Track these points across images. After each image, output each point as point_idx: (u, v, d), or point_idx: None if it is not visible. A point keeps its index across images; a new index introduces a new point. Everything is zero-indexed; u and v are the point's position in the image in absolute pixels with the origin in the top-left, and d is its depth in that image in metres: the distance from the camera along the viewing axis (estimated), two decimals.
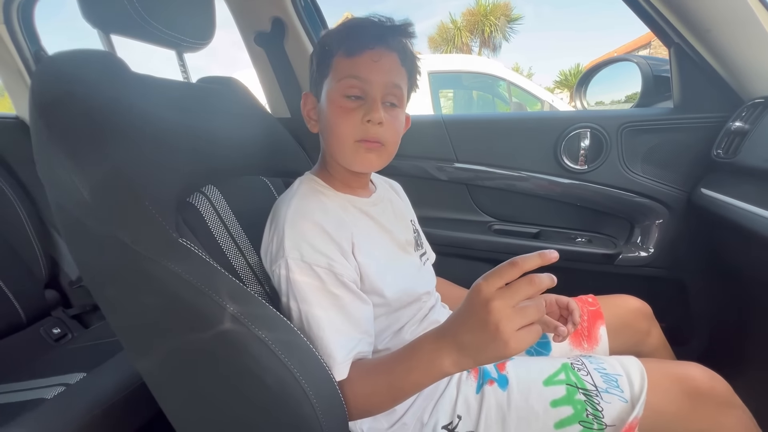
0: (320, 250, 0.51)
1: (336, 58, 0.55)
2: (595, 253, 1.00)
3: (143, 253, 0.43)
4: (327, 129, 0.57)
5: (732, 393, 0.55)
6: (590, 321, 0.73)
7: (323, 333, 0.49)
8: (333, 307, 0.50)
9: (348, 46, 0.54)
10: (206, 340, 0.43)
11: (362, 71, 0.54)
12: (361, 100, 0.55)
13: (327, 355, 0.48)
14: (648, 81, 1.03)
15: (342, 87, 0.54)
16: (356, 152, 0.56)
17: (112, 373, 0.80)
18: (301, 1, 1.04)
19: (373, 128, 0.54)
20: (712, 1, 0.73)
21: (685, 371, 0.56)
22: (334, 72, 0.55)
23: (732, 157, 0.78)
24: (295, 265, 0.50)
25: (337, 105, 0.55)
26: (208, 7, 0.71)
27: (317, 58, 0.58)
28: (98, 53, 0.54)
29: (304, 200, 0.56)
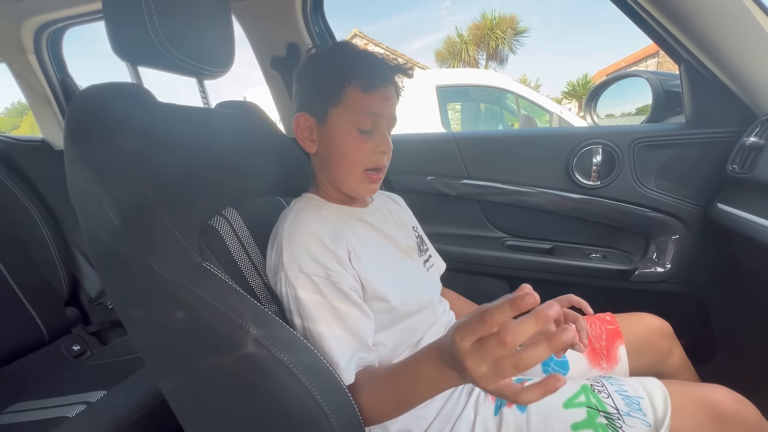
0: (317, 260, 0.53)
1: (350, 90, 0.56)
2: (611, 269, 0.99)
3: (169, 278, 0.45)
4: (336, 156, 0.60)
5: (761, 417, 0.53)
6: (609, 340, 0.72)
7: (323, 342, 0.50)
8: (331, 317, 0.51)
9: (366, 81, 0.56)
10: (229, 363, 0.44)
11: (376, 107, 0.58)
12: (370, 133, 0.58)
13: (330, 363, 0.49)
14: (658, 96, 1.03)
15: (357, 120, 0.57)
16: (362, 181, 0.60)
17: (131, 391, 0.82)
18: (315, 27, 1.08)
19: (382, 158, 0.60)
20: (721, 19, 0.74)
21: (710, 394, 0.54)
22: (347, 103, 0.57)
23: (748, 172, 0.77)
24: (293, 276, 0.52)
25: (352, 136, 0.58)
26: (228, 36, 0.75)
27: (324, 82, 0.58)
28: (128, 86, 0.57)
29: (300, 214, 0.58)
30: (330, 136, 0.59)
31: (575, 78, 18.32)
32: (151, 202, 0.46)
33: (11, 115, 27.88)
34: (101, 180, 0.46)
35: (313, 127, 0.60)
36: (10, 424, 0.80)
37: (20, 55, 1.27)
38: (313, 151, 0.62)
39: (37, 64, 1.29)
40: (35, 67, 1.29)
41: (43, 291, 1.14)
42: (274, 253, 0.55)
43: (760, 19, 0.73)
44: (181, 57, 0.64)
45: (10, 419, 0.82)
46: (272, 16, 1.03)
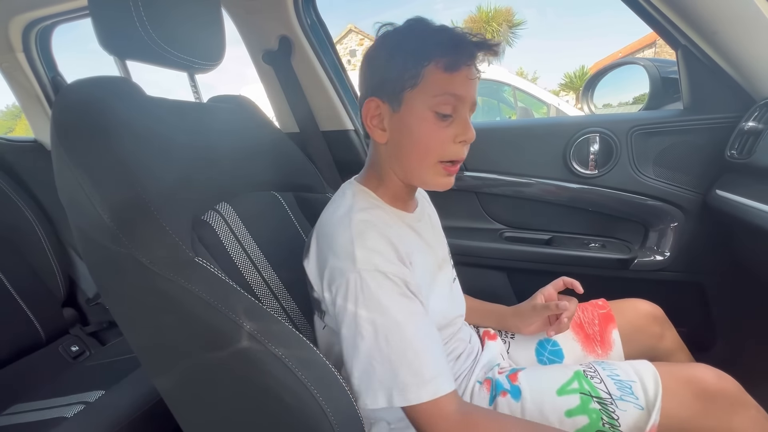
0: (392, 261, 0.49)
1: (429, 69, 0.49)
2: (610, 258, 0.99)
3: (161, 273, 0.44)
4: (410, 145, 0.53)
5: (743, 392, 0.54)
6: (602, 325, 0.72)
7: (410, 345, 0.44)
8: (413, 321, 0.46)
9: (449, 59, 0.49)
10: (223, 359, 0.44)
11: (459, 89, 0.50)
12: (450, 119, 0.51)
13: (412, 373, 0.43)
14: (656, 83, 1.02)
15: (436, 103, 0.50)
16: (436, 174, 0.54)
17: (130, 391, 0.81)
18: (308, 19, 1.06)
19: (462, 148, 0.53)
20: (718, 3, 0.73)
21: (693, 373, 0.55)
22: (426, 85, 0.50)
23: (746, 157, 0.77)
24: (369, 276, 0.46)
25: (430, 122, 0.51)
26: (218, 30, 0.73)
27: (399, 62, 0.50)
28: (115, 80, 0.56)
29: (366, 212, 0.52)
30: (404, 123, 0.52)
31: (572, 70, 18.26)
32: (140, 197, 0.45)
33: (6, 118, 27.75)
34: (89, 176, 0.45)
35: (384, 114, 0.53)
36: (8, 425, 0.80)
37: (9, 54, 1.25)
38: (383, 140, 0.54)
39: (26, 62, 1.27)
40: (25, 66, 1.28)
41: (39, 292, 1.14)
42: (334, 253, 0.49)
43: (758, 2, 0.72)
44: (170, 50, 0.63)
45: (8, 421, 0.81)
46: (263, 9, 1.02)
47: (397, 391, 0.43)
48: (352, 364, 0.46)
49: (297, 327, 0.65)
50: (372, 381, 0.44)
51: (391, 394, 0.44)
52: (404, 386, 0.43)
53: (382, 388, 0.44)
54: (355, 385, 0.46)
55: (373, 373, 0.44)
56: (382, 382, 0.44)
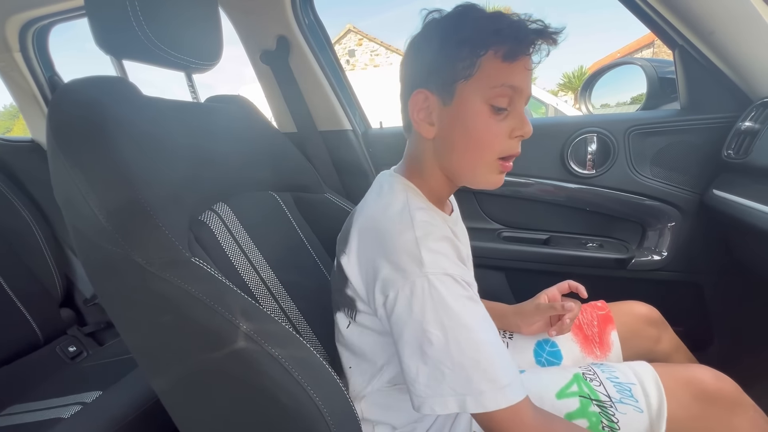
0: (457, 263, 0.46)
1: (486, 59, 0.45)
2: (607, 258, 0.99)
3: (157, 274, 0.44)
4: (463, 140, 0.49)
5: (741, 393, 0.54)
6: (601, 326, 0.72)
7: (482, 350, 0.42)
8: (483, 326, 0.44)
9: (508, 48, 0.45)
10: (220, 359, 0.44)
11: (517, 80, 0.47)
12: (505, 112, 0.48)
13: (487, 380, 0.42)
14: (653, 83, 1.02)
15: (492, 95, 0.46)
16: (491, 171, 0.50)
17: (127, 391, 0.81)
18: (305, 19, 1.06)
19: (518, 144, 0.50)
20: (715, 2, 0.73)
21: (692, 374, 0.55)
22: (482, 75, 0.46)
23: (743, 157, 0.77)
24: (437, 280, 0.43)
25: (485, 115, 0.47)
26: (215, 29, 0.73)
27: (452, 51, 0.46)
28: (111, 79, 0.56)
29: (425, 213, 0.49)
30: (457, 117, 0.48)
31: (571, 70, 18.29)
32: (136, 197, 0.45)
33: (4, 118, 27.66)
34: (85, 176, 0.45)
35: (433, 107, 0.49)
36: (5, 426, 0.79)
37: (5, 54, 1.25)
38: (430, 135, 0.50)
39: (23, 62, 1.27)
40: (21, 65, 1.27)
41: (36, 293, 1.13)
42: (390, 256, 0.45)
43: (755, 2, 0.73)
44: (167, 50, 0.62)
45: (5, 422, 0.81)
46: (261, 8, 1.01)
47: (472, 397, 0.42)
48: (417, 370, 0.43)
49: (295, 327, 0.65)
50: (441, 387, 0.42)
51: (464, 401, 0.42)
52: (480, 393, 0.41)
53: (453, 394, 0.42)
54: (420, 390, 0.43)
55: (443, 379, 0.42)
56: (453, 389, 0.42)
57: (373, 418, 0.55)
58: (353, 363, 0.56)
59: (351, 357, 0.56)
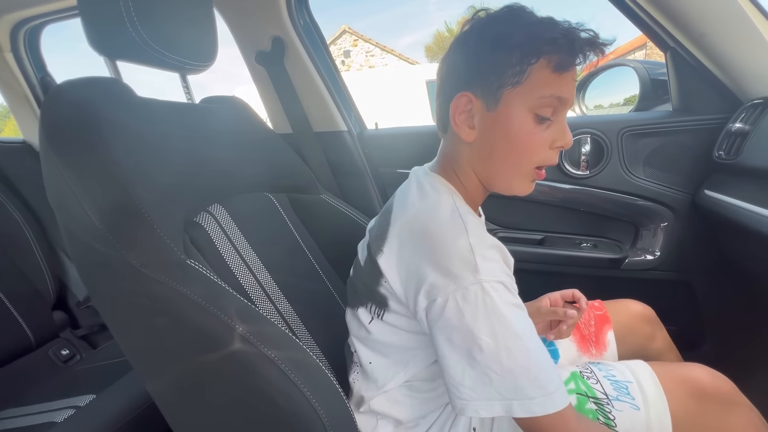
0: (506, 271, 0.47)
1: (536, 67, 0.44)
2: (601, 258, 1.00)
3: (152, 276, 0.44)
4: (504, 147, 0.49)
5: (737, 392, 0.55)
6: (597, 326, 0.73)
7: (532, 357, 0.43)
8: (531, 333, 0.44)
9: (561, 58, 0.44)
10: (216, 361, 0.44)
11: (564, 91, 0.46)
12: (548, 122, 0.47)
13: (537, 386, 0.42)
14: (645, 85, 1.04)
15: (539, 105, 0.46)
16: (526, 179, 0.51)
17: (121, 394, 0.80)
18: (300, 20, 1.06)
19: (557, 154, 0.50)
20: (705, 5, 0.74)
21: (689, 372, 0.56)
22: (531, 84, 0.45)
23: (734, 158, 0.78)
24: (491, 287, 0.43)
25: (529, 124, 0.47)
26: (210, 30, 0.73)
27: (501, 56, 0.45)
28: (105, 80, 0.55)
29: (474, 218, 0.49)
30: (499, 123, 0.47)
31: None
32: (131, 199, 0.45)
33: None
34: (78, 177, 0.45)
35: (475, 111, 0.48)
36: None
37: None
38: (470, 139, 0.49)
39: (14, 62, 1.26)
40: (13, 66, 1.26)
41: (28, 295, 1.12)
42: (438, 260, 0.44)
43: (743, 4, 0.74)
44: (162, 51, 0.62)
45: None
46: (256, 9, 1.01)
47: (520, 403, 0.42)
48: (463, 374, 0.44)
49: (291, 329, 0.65)
50: (488, 391, 0.43)
51: (511, 405, 0.43)
52: (529, 399, 0.42)
53: (500, 398, 0.43)
54: (464, 393, 0.44)
55: (490, 384, 0.43)
56: (500, 393, 0.43)
57: (380, 411, 0.55)
58: (374, 359, 0.55)
59: (371, 353, 0.56)
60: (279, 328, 0.47)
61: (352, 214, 0.91)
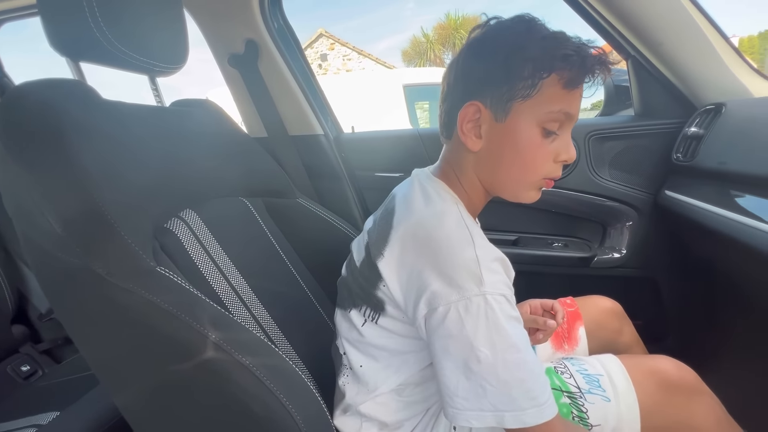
0: (507, 283, 0.47)
1: (548, 82, 0.45)
2: (572, 257, 1.04)
3: (119, 285, 0.42)
4: (511, 158, 0.49)
5: (700, 381, 0.58)
6: (570, 322, 0.76)
7: (526, 369, 0.43)
8: (527, 346, 0.45)
9: (573, 75, 0.45)
10: (188, 370, 0.42)
11: (573, 107, 0.47)
12: (554, 135, 0.48)
13: (529, 398, 0.43)
14: (610, 91, 1.09)
15: (547, 119, 0.47)
16: (533, 188, 0.51)
17: (87, 410, 0.77)
18: (275, 23, 1.05)
19: (560, 168, 0.51)
20: (661, 17, 0.79)
21: (656, 364, 0.58)
22: (541, 98, 0.46)
23: (690, 160, 0.83)
24: (494, 300, 0.43)
25: (536, 137, 0.47)
26: (180, 32, 0.71)
27: (514, 68, 0.46)
28: (67, 82, 0.53)
29: (478, 229, 0.49)
30: (508, 136, 0.48)
31: None
32: (95, 204, 0.43)
33: None
34: (38, 182, 0.43)
35: (483, 121, 0.49)
36: None
37: None
38: (476, 148, 0.50)
39: None
40: None
41: None
42: (443, 269, 0.44)
43: (696, 17, 0.79)
44: (128, 52, 0.60)
45: None
46: (228, 12, 1.00)
47: (512, 414, 0.43)
48: (457, 384, 0.45)
49: (267, 335, 0.64)
50: (481, 402, 0.44)
51: (503, 417, 0.43)
52: (522, 410, 0.43)
53: (493, 409, 0.43)
54: (458, 403, 0.45)
55: (484, 395, 0.43)
56: (494, 404, 0.43)
57: (366, 414, 0.55)
58: (365, 362, 0.55)
59: (363, 357, 0.55)
60: (254, 334, 0.46)
61: (329, 217, 0.91)
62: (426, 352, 0.49)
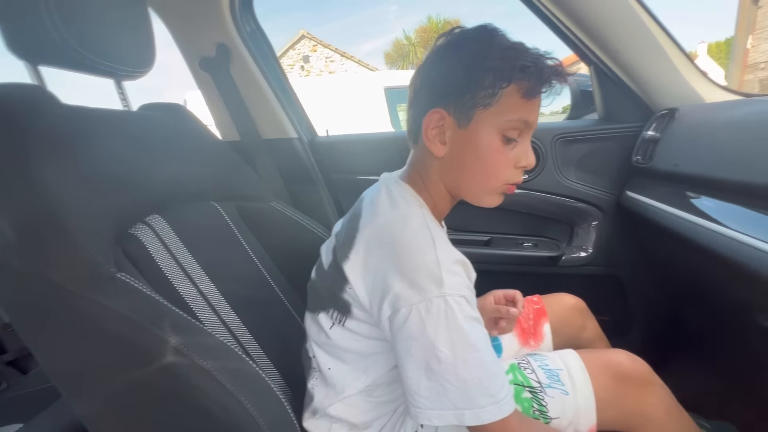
0: (468, 285, 0.49)
1: (507, 91, 0.47)
2: (541, 256, 1.07)
3: (76, 292, 0.42)
4: (473, 164, 0.51)
5: (652, 373, 0.61)
6: (536, 319, 0.78)
7: (485, 368, 0.45)
8: (486, 345, 0.46)
9: (530, 85, 0.47)
10: (148, 376, 0.42)
11: (531, 115, 0.50)
12: (514, 143, 0.50)
13: (488, 395, 0.44)
14: (575, 95, 1.13)
15: (507, 127, 0.49)
16: (495, 193, 0.54)
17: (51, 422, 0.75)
18: (246, 26, 1.05)
19: (521, 173, 0.53)
20: (617, 26, 0.83)
21: (611, 358, 0.62)
22: (501, 107, 0.48)
23: (648, 162, 0.87)
24: (454, 301, 0.45)
25: (497, 144, 0.49)
26: (146, 34, 0.71)
27: (475, 77, 0.47)
28: (23, 87, 0.52)
29: (441, 231, 0.51)
30: (470, 142, 0.50)
31: None
32: (51, 210, 0.43)
33: None
34: None
35: (447, 127, 0.51)
36: None
37: None
38: (441, 154, 0.52)
39: None
40: None
41: None
42: (405, 272, 0.46)
43: (651, 27, 0.83)
44: (89, 56, 0.60)
45: None
46: (198, 15, 0.99)
47: (471, 412, 0.44)
48: (419, 384, 0.46)
49: (237, 339, 0.64)
50: (442, 401, 0.45)
51: (463, 414, 0.45)
52: (480, 408, 0.44)
53: (453, 408, 0.45)
54: (420, 402, 0.46)
55: (445, 394, 0.45)
56: (454, 403, 0.45)
57: (336, 416, 0.56)
58: (333, 365, 0.56)
59: (331, 359, 0.56)
60: (216, 338, 0.46)
61: (303, 221, 0.91)
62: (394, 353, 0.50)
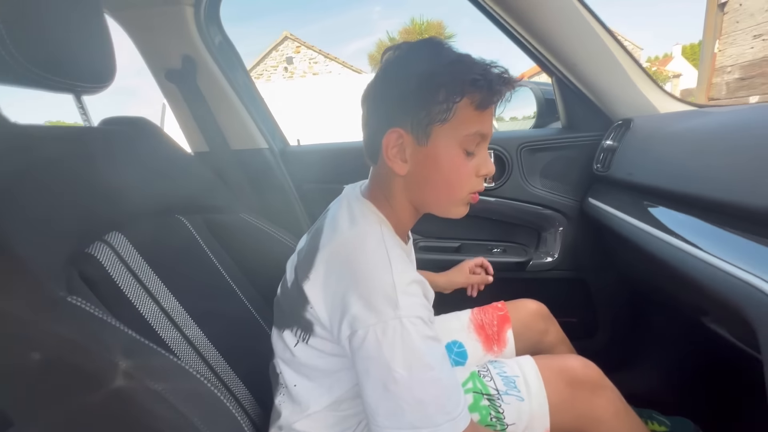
0: (425, 305, 0.49)
1: (461, 105, 0.48)
2: (510, 261, 1.09)
3: (22, 317, 0.41)
4: (436, 179, 0.52)
5: (603, 376, 0.64)
6: (499, 325, 0.80)
7: (440, 387, 0.46)
8: (443, 363, 0.47)
9: (482, 98, 0.47)
10: (98, 401, 0.42)
11: (485, 127, 0.51)
12: (473, 154, 0.52)
13: (443, 413, 0.45)
14: (541, 104, 1.16)
15: (465, 141, 0.50)
16: (460, 205, 0.54)
17: None
18: (213, 38, 1.05)
19: (482, 181, 0.54)
20: (573, 40, 0.86)
21: (564, 363, 0.64)
22: (457, 121, 0.48)
23: (607, 170, 0.90)
24: (409, 323, 0.45)
25: (458, 158, 0.50)
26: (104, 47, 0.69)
27: (427, 94, 0.48)
28: None
29: (397, 249, 0.51)
30: (431, 158, 0.50)
31: None
32: None
33: None
34: None
35: (406, 145, 0.51)
36: None
37: None
38: (403, 172, 0.52)
39: None
40: None
41: None
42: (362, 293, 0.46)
43: (606, 40, 0.86)
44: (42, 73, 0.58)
45: None
46: (163, 26, 0.98)
47: (428, 430, 0.45)
48: (377, 404, 0.46)
49: (201, 355, 0.64)
50: (400, 420, 0.45)
51: None
52: (436, 426, 0.45)
53: (411, 428, 0.45)
54: (379, 422, 0.46)
55: (402, 414, 0.45)
56: (411, 423, 0.45)
57: (300, 430, 0.56)
58: (299, 382, 0.56)
59: (297, 376, 0.56)
60: (169, 359, 0.46)
61: (274, 232, 0.91)
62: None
